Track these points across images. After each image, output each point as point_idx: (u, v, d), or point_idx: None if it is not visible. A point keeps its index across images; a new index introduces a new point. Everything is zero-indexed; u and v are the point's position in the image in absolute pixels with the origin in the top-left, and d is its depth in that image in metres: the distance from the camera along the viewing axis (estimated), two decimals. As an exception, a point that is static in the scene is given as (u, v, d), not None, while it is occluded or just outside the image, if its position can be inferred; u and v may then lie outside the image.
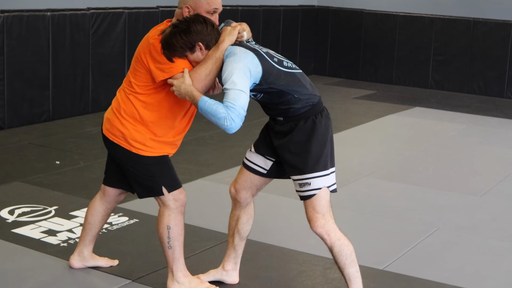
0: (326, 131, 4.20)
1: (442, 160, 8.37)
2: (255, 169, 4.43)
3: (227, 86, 3.92)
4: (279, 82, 4.06)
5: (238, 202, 4.53)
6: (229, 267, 4.70)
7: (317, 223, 4.19)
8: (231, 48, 4.06)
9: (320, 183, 4.16)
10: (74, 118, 9.49)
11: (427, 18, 13.34)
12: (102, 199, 4.69)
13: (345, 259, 4.21)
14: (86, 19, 9.61)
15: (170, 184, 4.35)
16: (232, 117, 3.88)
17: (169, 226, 4.35)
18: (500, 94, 12.78)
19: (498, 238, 5.87)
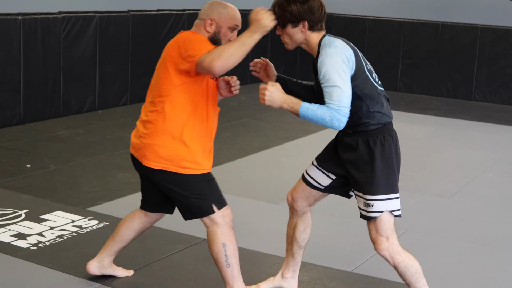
0: (395, 154, 4.13)
1: (411, 162, 8.32)
2: (313, 184, 4.40)
3: (327, 84, 3.83)
4: (363, 89, 3.97)
5: (294, 210, 4.50)
6: (288, 275, 4.67)
7: (381, 246, 4.12)
8: (332, 39, 3.97)
9: (383, 207, 4.06)
10: (45, 122, 9.44)
11: (395, 22, 13.40)
12: (142, 218, 4.58)
13: (411, 277, 4.16)
14: (58, 23, 9.57)
15: (218, 201, 4.21)
16: (340, 118, 3.82)
17: (224, 244, 4.18)
18: (468, 96, 12.86)
19: (466, 240, 5.90)
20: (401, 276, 4.18)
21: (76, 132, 9.03)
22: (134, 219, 4.60)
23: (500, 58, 12.55)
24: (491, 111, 11.91)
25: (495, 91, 12.64)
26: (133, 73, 10.90)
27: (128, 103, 10.86)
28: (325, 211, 6.38)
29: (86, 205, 6.28)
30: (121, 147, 8.32)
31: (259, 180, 7.32)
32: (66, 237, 5.46)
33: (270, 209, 6.45)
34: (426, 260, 5.38)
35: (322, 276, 5.03)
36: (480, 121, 11.07)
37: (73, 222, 5.78)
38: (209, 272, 4.90)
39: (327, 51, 3.88)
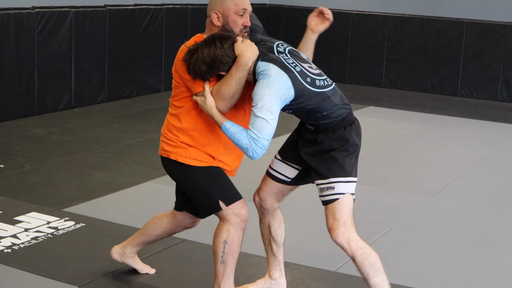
0: (355, 143, 4.10)
1: (396, 159, 8.41)
2: (279, 178, 4.37)
3: (254, 111, 3.81)
4: (310, 103, 3.95)
5: (265, 210, 4.47)
6: (276, 275, 4.64)
7: (337, 232, 4.06)
8: (266, 66, 3.88)
9: (344, 189, 4.05)
10: (19, 120, 9.36)
11: (380, 17, 13.38)
12: (169, 218, 4.59)
13: (369, 268, 4.07)
14: (31, 18, 9.47)
15: (226, 197, 4.18)
16: (255, 149, 3.83)
17: (225, 241, 4.18)
18: (454, 92, 12.86)
19: (451, 238, 5.88)
20: (359, 267, 4.09)
21: (52, 131, 8.95)
22: (164, 217, 4.62)
23: (486, 53, 12.57)
24: (477, 107, 11.95)
25: (481, 86, 12.66)
26: (110, 69, 10.83)
27: (105, 101, 10.78)
28: (307, 211, 6.36)
29: (62, 205, 6.22)
30: (98, 146, 8.28)
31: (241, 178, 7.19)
32: (41, 239, 5.40)
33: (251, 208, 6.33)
34: (411, 259, 5.45)
35: (305, 276, 5.00)
36: (466, 117, 11.11)
37: (48, 224, 5.71)
38: (190, 273, 4.87)
39: (259, 83, 3.85)
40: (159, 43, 11.66)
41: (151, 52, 11.54)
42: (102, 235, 5.49)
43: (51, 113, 9.85)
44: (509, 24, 12.39)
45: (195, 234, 5.36)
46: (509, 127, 10.47)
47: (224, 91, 3.94)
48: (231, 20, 4.09)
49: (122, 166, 7.47)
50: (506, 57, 12.40)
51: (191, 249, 5.30)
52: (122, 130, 9.09)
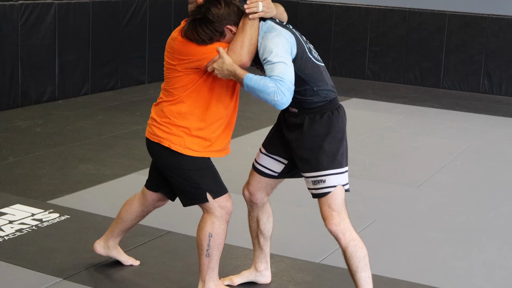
0: (342, 128, 4.11)
1: (379, 151, 8.42)
2: (266, 173, 4.38)
3: (271, 59, 3.79)
4: (305, 70, 3.96)
5: (254, 204, 4.48)
6: (262, 267, 4.67)
7: (332, 221, 4.06)
8: (270, 23, 3.95)
9: (335, 181, 4.05)
10: (3, 112, 9.29)
11: (363, 9, 13.37)
12: (140, 200, 4.58)
13: (358, 262, 4.09)
14: (15, 10, 9.41)
15: (214, 190, 4.20)
16: (283, 91, 3.74)
17: (211, 234, 4.20)
18: (436, 84, 12.87)
19: (434, 229, 5.90)
20: (348, 259, 4.10)
21: (35, 123, 8.91)
22: (133, 201, 4.63)
23: (468, 45, 12.58)
24: (459, 99, 11.95)
25: (463, 78, 12.67)
26: (94, 62, 10.78)
27: (89, 93, 10.72)
28: (292, 202, 6.37)
29: (46, 197, 6.21)
30: (82, 138, 8.26)
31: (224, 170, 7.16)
32: (26, 231, 5.39)
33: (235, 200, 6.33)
34: (394, 250, 5.47)
35: (289, 268, 5.01)
36: (449, 109, 11.10)
37: (33, 216, 5.70)
38: (174, 265, 4.87)
39: (267, 36, 3.88)
40: (142, 35, 11.62)
41: (135, 44, 11.50)
42: (86, 227, 5.49)
43: (35, 105, 9.80)
44: (490, 16, 12.41)
45: (179, 226, 5.38)
46: (491, 118, 10.48)
47: (241, 38, 3.92)
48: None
49: (106, 158, 7.46)
50: (488, 49, 12.42)
51: (176, 241, 5.30)
52: (106, 122, 9.07)
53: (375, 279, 4.78)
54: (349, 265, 4.11)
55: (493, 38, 12.39)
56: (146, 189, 4.54)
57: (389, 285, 4.81)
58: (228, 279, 4.65)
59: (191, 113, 4.10)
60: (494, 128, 9.88)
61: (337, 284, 4.80)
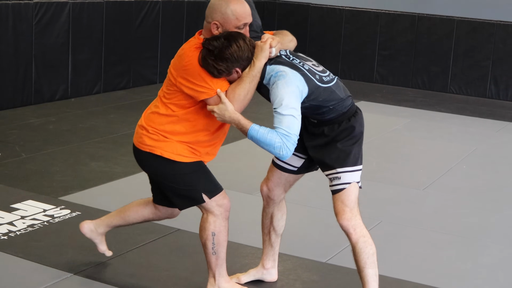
0: (360, 131, 4.21)
1: (386, 154, 8.42)
2: (286, 168, 4.42)
3: (280, 111, 3.84)
4: (319, 98, 4.01)
5: (271, 200, 4.51)
6: (269, 265, 4.69)
7: (344, 216, 4.12)
8: (279, 68, 3.95)
9: (350, 178, 4.13)
10: (16, 110, 9.32)
11: (372, 13, 13.39)
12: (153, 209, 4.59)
13: (367, 258, 4.14)
14: (29, 9, 9.45)
15: (210, 189, 4.21)
16: (288, 146, 3.84)
17: (214, 233, 4.22)
18: (444, 89, 12.88)
19: (440, 231, 5.91)
20: (357, 255, 4.15)
21: (48, 120, 8.94)
22: (147, 206, 4.61)
23: (475, 51, 12.58)
24: (466, 104, 11.93)
25: (470, 83, 12.67)
26: (106, 61, 10.81)
27: (101, 92, 10.74)
28: (299, 202, 6.38)
29: (58, 194, 6.23)
30: (94, 136, 8.28)
31: (234, 170, 7.28)
32: (37, 227, 5.41)
33: (244, 199, 6.45)
34: (400, 252, 5.47)
35: (296, 267, 5.02)
36: (455, 113, 11.08)
37: (44, 212, 5.72)
38: (183, 263, 4.88)
39: (277, 83, 3.90)
40: (155, 35, 11.63)
41: (147, 44, 11.51)
42: None
43: (48, 103, 9.81)
44: (498, 22, 12.41)
45: (189, 224, 5.37)
46: (497, 123, 10.47)
47: (239, 90, 3.96)
48: None
49: (118, 156, 7.48)
50: (495, 55, 12.40)
51: (185, 239, 5.32)
52: (118, 120, 9.09)
53: (381, 279, 4.77)
54: (357, 261, 4.16)
55: (501, 44, 12.39)
56: (157, 205, 4.55)
57: (394, 286, 4.83)
58: (235, 277, 4.65)
59: (185, 133, 4.12)
60: (500, 133, 9.88)
61: (344, 283, 4.82)
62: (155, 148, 4.14)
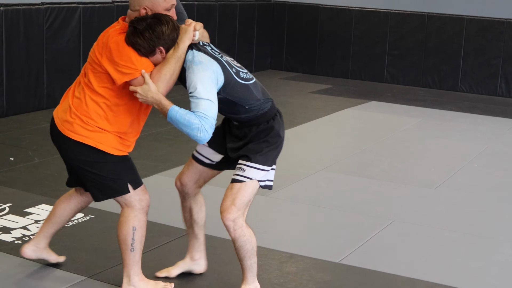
0: (278, 133, 4.23)
1: (398, 153, 8.41)
2: (204, 161, 4.45)
3: (196, 95, 3.88)
4: (234, 94, 4.07)
5: (186, 194, 4.54)
6: (197, 256, 4.71)
7: (229, 215, 4.14)
8: (197, 54, 4.02)
9: (253, 174, 4.15)
10: (29, 114, 9.34)
11: (382, 13, 13.38)
12: (78, 198, 4.55)
13: (246, 252, 4.24)
14: (40, 14, 9.47)
15: (134, 181, 4.22)
16: (206, 128, 3.87)
17: (134, 227, 4.20)
18: (454, 88, 12.86)
19: (452, 230, 5.90)
20: (237, 250, 4.25)
21: (61, 125, 8.88)
22: (71, 199, 4.56)
23: (485, 49, 12.57)
24: (477, 102, 11.91)
25: (481, 82, 12.66)
26: (117, 65, 10.76)
27: (112, 96, 10.69)
28: (311, 203, 6.39)
29: (71, 198, 6.20)
30: (106, 139, 8.21)
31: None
32: None
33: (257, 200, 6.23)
34: (412, 250, 5.46)
35: (309, 267, 5.02)
36: (466, 112, 11.07)
37: None
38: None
39: (194, 68, 3.96)
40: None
41: (156, 48, 11.54)
42: (110, 227, 5.43)
43: (58, 107, 9.82)
44: (508, 20, 12.39)
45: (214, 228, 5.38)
46: (508, 121, 10.46)
47: (165, 71, 3.98)
48: None
49: (129, 159, 7.48)
50: (505, 53, 12.39)
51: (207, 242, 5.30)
52: (128, 124, 9.09)
53: (393, 278, 4.87)
54: (237, 254, 4.27)
55: (511, 42, 12.38)
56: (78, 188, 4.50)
57: (407, 285, 4.83)
58: (165, 271, 4.69)
59: (118, 121, 4.12)
60: (511, 131, 9.88)
61: (356, 283, 4.82)
62: (88, 138, 4.10)
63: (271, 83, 12.95)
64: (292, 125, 9.52)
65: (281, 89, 12.39)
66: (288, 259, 5.10)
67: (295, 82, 13.27)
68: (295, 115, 10.12)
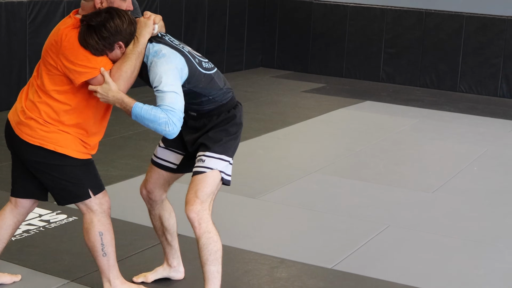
0: (237, 123, 4.22)
1: (393, 155, 8.39)
2: (165, 165, 4.41)
3: (161, 88, 3.84)
4: (199, 85, 4.04)
5: (153, 201, 4.51)
6: (175, 263, 4.69)
7: (193, 207, 4.05)
8: (158, 47, 3.97)
9: (213, 164, 4.08)
10: (11, 111, 9.21)
11: (378, 9, 13.32)
12: (13, 211, 4.35)
13: (209, 254, 4.10)
14: (23, 8, 9.41)
15: (95, 186, 4.13)
16: (174, 121, 3.82)
17: (101, 232, 4.13)
18: (453, 87, 12.83)
19: (450, 236, 5.86)
20: (200, 250, 4.12)
21: (44, 123, 8.78)
22: (5, 215, 4.37)
23: (485, 48, 12.55)
24: (476, 103, 11.91)
25: (480, 82, 12.64)
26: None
27: (98, 93, 10.60)
28: (304, 206, 6.34)
29: (54, 199, 6.10)
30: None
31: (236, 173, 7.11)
32: (33, 232, 5.37)
33: (247, 203, 6.43)
34: (408, 256, 5.45)
35: (301, 273, 4.98)
36: (465, 113, 11.06)
37: (40, 217, 5.67)
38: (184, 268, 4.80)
39: (156, 62, 3.92)
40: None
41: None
42: None
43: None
44: (509, 18, 12.36)
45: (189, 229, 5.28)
46: (509, 123, 10.43)
47: (126, 67, 3.91)
48: (116, 5, 4.01)
49: (115, 159, 7.42)
50: (506, 52, 12.36)
51: (184, 244, 5.20)
52: (115, 122, 8.93)
53: (388, 285, 4.86)
54: (200, 256, 4.14)
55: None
56: (17, 198, 4.33)
57: (403, 292, 4.80)
58: (142, 276, 4.66)
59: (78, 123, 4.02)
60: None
61: (350, 290, 4.79)
62: (46, 143, 4.00)
63: (262, 81, 12.98)
64: (284, 125, 9.51)
65: (273, 87, 12.39)
66: (279, 264, 5.05)
67: (287, 80, 13.25)
68: (287, 115, 10.11)
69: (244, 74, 13.38)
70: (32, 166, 4.11)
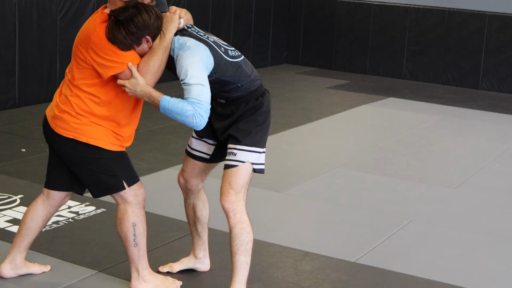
0: (266, 111, 4.20)
1: (416, 151, 8.35)
2: (199, 156, 4.44)
3: (187, 81, 3.86)
4: (226, 73, 4.04)
5: (190, 191, 4.52)
6: (201, 255, 4.69)
7: (228, 198, 4.09)
8: (183, 40, 3.98)
9: (244, 157, 4.11)
10: (41, 105, 9.25)
11: (401, 8, 13.29)
12: (45, 203, 4.40)
13: (240, 245, 4.12)
14: (54, 4, 9.45)
15: (130, 177, 4.17)
16: (201, 114, 3.84)
17: (134, 223, 4.17)
18: (475, 85, 12.76)
19: (471, 231, 5.84)
20: (232, 240, 4.14)
21: (73, 116, 8.85)
22: (37, 206, 4.42)
23: (508, 46, 12.47)
24: (498, 100, 11.82)
25: (502, 80, 12.56)
26: (131, 56, 10.71)
27: (126, 87, 10.65)
28: (328, 200, 6.35)
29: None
30: (119, 131, 8.19)
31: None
32: (62, 223, 5.39)
33: (272, 197, 6.42)
34: (430, 251, 5.41)
35: (325, 266, 4.97)
36: (487, 110, 10.99)
37: (69, 208, 5.69)
38: (210, 261, 4.81)
39: (182, 55, 3.93)
40: (179, 30, 11.62)
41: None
42: None
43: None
44: (531, 17, 12.32)
45: (215, 221, 5.35)
46: (531, 121, 10.36)
47: (153, 62, 3.94)
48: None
49: (142, 152, 7.44)
50: (528, 50, 12.32)
51: (210, 236, 5.18)
52: (142, 116, 8.83)
53: (411, 280, 4.82)
54: (231, 246, 4.15)
55: (533, 39, 12.29)
56: (50, 190, 4.36)
57: (425, 286, 4.77)
58: (168, 266, 4.68)
59: (107, 116, 4.07)
60: (533, 131, 9.77)
61: (372, 283, 4.77)
62: (79, 135, 4.06)
63: (287, 77, 12.94)
64: (308, 120, 9.49)
65: (297, 83, 12.36)
66: (303, 257, 5.05)
67: (312, 77, 13.21)
68: (311, 111, 10.08)
69: (269, 71, 13.37)
70: (67, 159, 4.15)
